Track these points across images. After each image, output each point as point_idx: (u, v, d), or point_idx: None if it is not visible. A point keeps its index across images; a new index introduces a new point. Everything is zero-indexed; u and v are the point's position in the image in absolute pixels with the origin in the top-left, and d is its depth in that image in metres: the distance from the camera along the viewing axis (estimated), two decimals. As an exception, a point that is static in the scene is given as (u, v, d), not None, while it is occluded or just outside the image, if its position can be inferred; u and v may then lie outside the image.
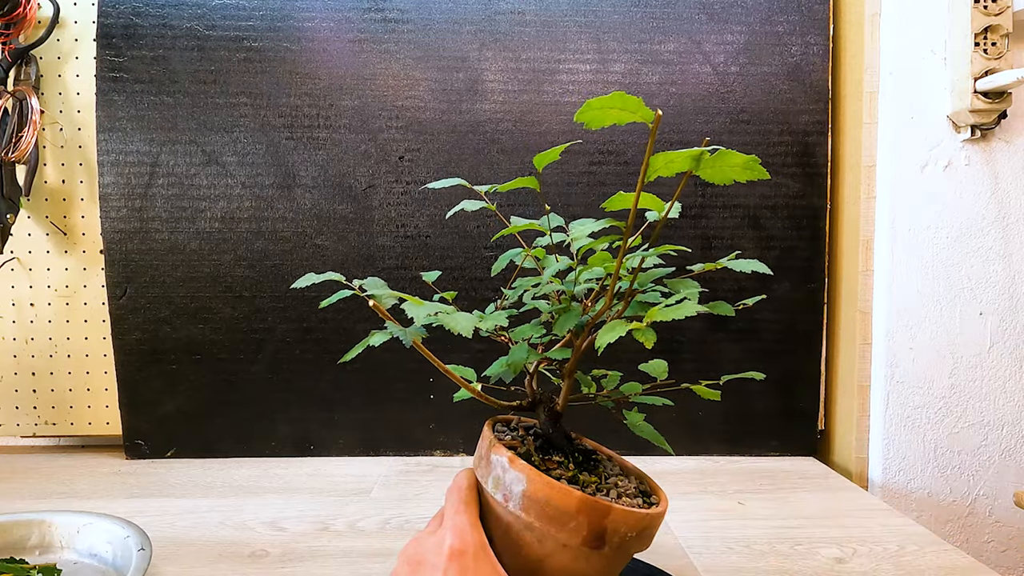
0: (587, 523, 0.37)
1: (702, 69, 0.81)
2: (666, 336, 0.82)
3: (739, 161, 0.34)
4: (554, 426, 0.44)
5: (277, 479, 0.76)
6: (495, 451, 0.40)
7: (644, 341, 0.35)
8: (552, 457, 0.42)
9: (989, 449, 0.76)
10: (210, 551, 0.58)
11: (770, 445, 0.84)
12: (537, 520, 0.37)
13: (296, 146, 0.80)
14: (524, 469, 0.38)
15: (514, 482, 0.38)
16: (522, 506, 0.38)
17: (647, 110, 0.32)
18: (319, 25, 0.80)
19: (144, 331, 0.81)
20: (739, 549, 0.59)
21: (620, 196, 0.36)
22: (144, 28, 0.79)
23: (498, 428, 0.45)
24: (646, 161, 0.34)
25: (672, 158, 0.34)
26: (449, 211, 0.52)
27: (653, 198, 0.37)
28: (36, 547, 0.57)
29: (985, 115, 0.72)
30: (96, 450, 0.87)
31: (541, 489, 0.37)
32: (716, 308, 0.41)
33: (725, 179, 0.35)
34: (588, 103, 0.32)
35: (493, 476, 0.40)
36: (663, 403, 0.47)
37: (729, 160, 0.34)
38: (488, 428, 0.43)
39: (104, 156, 0.80)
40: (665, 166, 0.34)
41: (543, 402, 0.44)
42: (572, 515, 0.37)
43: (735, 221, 0.82)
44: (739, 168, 0.35)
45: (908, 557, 0.57)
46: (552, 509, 0.37)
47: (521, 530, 0.39)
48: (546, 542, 0.38)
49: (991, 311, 0.75)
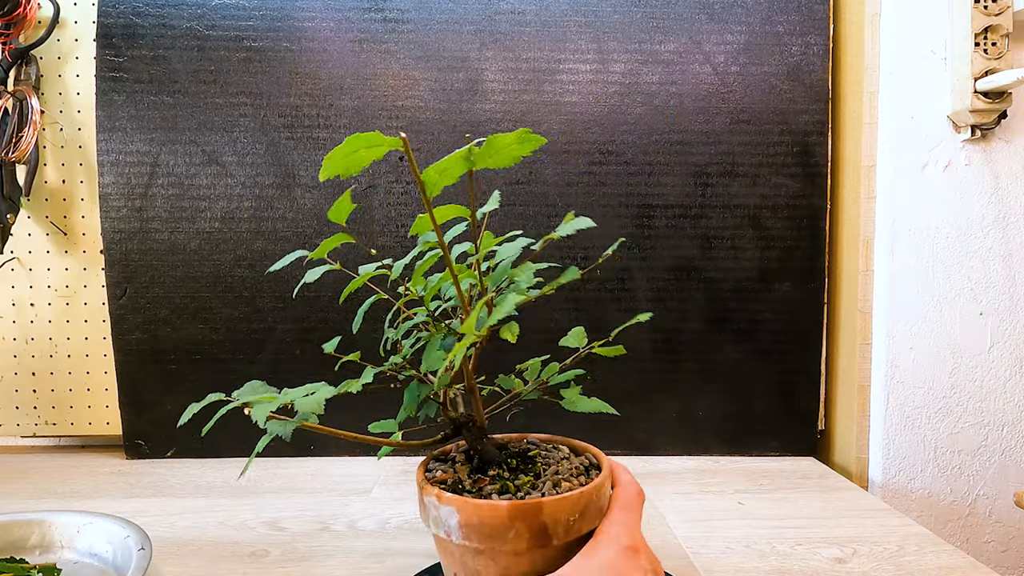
0: (525, 527, 0.37)
1: (702, 69, 0.81)
2: (665, 337, 0.82)
3: (512, 139, 0.34)
4: (481, 442, 0.44)
5: (277, 479, 0.76)
6: (425, 493, 0.41)
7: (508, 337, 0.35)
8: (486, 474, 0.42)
9: (989, 449, 0.76)
10: (210, 551, 0.58)
11: (770, 445, 0.84)
12: (480, 543, 0.38)
13: (296, 146, 0.80)
14: (451, 501, 0.39)
15: (448, 516, 0.39)
16: (463, 535, 0.38)
17: (391, 139, 0.32)
18: (319, 25, 0.80)
19: (144, 331, 0.81)
20: (739, 549, 0.59)
21: (421, 219, 0.36)
22: (144, 28, 0.79)
23: (431, 466, 0.46)
24: (418, 179, 0.33)
25: (445, 166, 0.33)
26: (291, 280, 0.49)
27: (456, 207, 0.37)
28: (36, 547, 0.57)
29: (985, 115, 0.72)
30: (96, 450, 0.87)
31: (472, 513, 0.38)
32: (563, 277, 0.40)
33: (508, 160, 0.35)
34: (328, 156, 0.31)
35: (432, 517, 0.40)
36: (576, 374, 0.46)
37: (501, 143, 0.34)
38: (419, 472, 0.44)
39: (104, 156, 0.80)
40: (442, 176, 0.34)
41: (463, 424, 0.44)
42: (508, 525, 0.37)
43: (735, 221, 0.81)
44: (516, 145, 0.34)
45: (908, 557, 0.57)
46: (488, 528, 0.38)
47: (473, 556, 0.39)
48: (499, 558, 0.38)
49: (991, 311, 0.75)
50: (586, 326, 0.81)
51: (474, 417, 0.44)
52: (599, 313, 0.81)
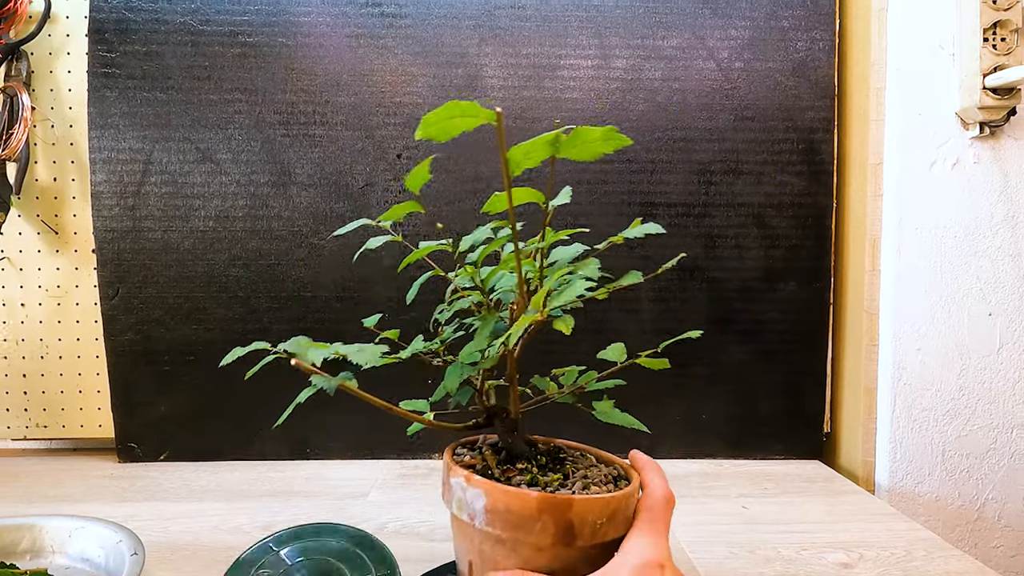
0: (552, 521, 0.37)
1: (705, 65, 0.80)
2: (667, 338, 0.81)
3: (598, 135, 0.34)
4: (512, 435, 0.44)
5: (273, 482, 0.75)
6: (452, 474, 0.40)
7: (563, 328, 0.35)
8: (515, 466, 0.42)
9: (998, 452, 0.75)
10: (204, 556, 0.57)
11: (774, 448, 0.83)
12: (503, 531, 0.38)
13: (292, 143, 0.79)
14: (481, 484, 0.38)
15: (474, 499, 0.39)
16: (487, 520, 0.38)
17: (487, 111, 0.31)
18: (315, 20, 0.79)
19: (137, 332, 0.80)
20: (743, 554, 0.58)
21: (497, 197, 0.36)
22: (137, 23, 0.78)
23: (459, 452, 0.46)
24: (504, 156, 0.33)
25: (529, 148, 0.33)
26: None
27: (531, 191, 0.37)
28: (27, 552, 0.56)
29: (994, 112, 0.71)
30: (88, 453, 0.86)
31: (500, 499, 0.38)
32: (624, 280, 0.41)
33: (590, 155, 0.35)
34: (425, 118, 0.31)
35: (456, 499, 0.40)
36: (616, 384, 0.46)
37: (587, 136, 0.34)
38: (447, 454, 0.44)
39: (96, 154, 0.79)
40: (526, 157, 0.34)
41: (496, 415, 0.44)
42: (535, 517, 0.37)
43: (739, 220, 0.81)
44: (600, 141, 0.34)
45: (916, 563, 0.56)
46: (514, 516, 0.37)
47: (493, 544, 0.39)
48: (520, 549, 0.38)
49: (1000, 312, 0.74)
50: (588, 327, 0.80)
51: (509, 409, 0.44)
52: (599, 314, 0.80)
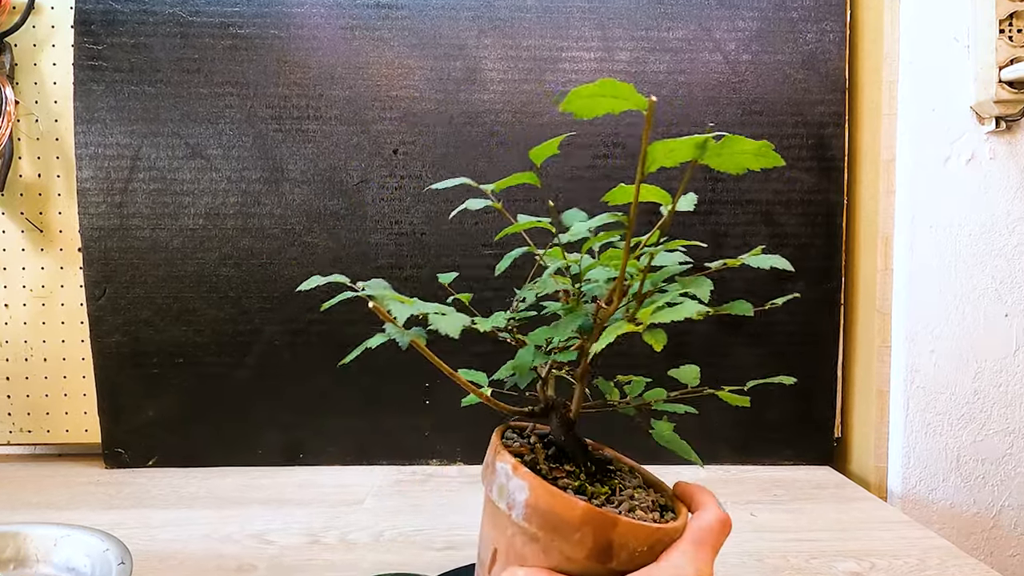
0: (592, 535, 0.35)
1: (712, 57, 0.78)
2: (674, 340, 0.79)
3: (750, 148, 0.32)
4: (566, 433, 0.42)
5: (264, 489, 0.74)
6: (499, 458, 0.39)
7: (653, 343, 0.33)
8: (563, 466, 0.41)
9: (1015, 458, 0.74)
10: (194, 565, 0.57)
11: (784, 454, 0.82)
12: (540, 530, 0.36)
13: (284, 138, 0.78)
14: (527, 477, 0.37)
15: (517, 490, 0.37)
16: (525, 515, 0.37)
17: (640, 97, 0.30)
18: (309, 11, 0.77)
19: (124, 333, 0.79)
20: (751, 563, 0.57)
21: (622, 188, 0.34)
22: (124, 14, 0.77)
23: (508, 436, 0.44)
24: (643, 150, 0.31)
25: (674, 146, 0.31)
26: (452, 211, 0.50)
27: (657, 190, 0.35)
28: (11, 561, 0.56)
29: (1010, 106, 0.70)
30: (73, 459, 0.85)
31: (544, 498, 0.36)
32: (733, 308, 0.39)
33: (736, 167, 0.33)
34: (575, 91, 0.30)
35: (497, 484, 0.39)
36: (685, 411, 0.45)
37: (738, 146, 0.32)
38: (497, 435, 0.42)
39: (82, 149, 0.77)
40: (667, 155, 0.32)
41: (555, 408, 0.42)
42: (576, 526, 0.35)
43: (747, 217, 0.79)
44: (750, 155, 0.32)
45: (929, 572, 0.56)
46: (555, 519, 0.36)
47: (526, 540, 0.38)
48: (551, 553, 0.37)
49: (1017, 312, 0.73)
50: (590, 328, 0.78)
51: (569, 405, 0.42)
52: (603, 314, 0.79)
